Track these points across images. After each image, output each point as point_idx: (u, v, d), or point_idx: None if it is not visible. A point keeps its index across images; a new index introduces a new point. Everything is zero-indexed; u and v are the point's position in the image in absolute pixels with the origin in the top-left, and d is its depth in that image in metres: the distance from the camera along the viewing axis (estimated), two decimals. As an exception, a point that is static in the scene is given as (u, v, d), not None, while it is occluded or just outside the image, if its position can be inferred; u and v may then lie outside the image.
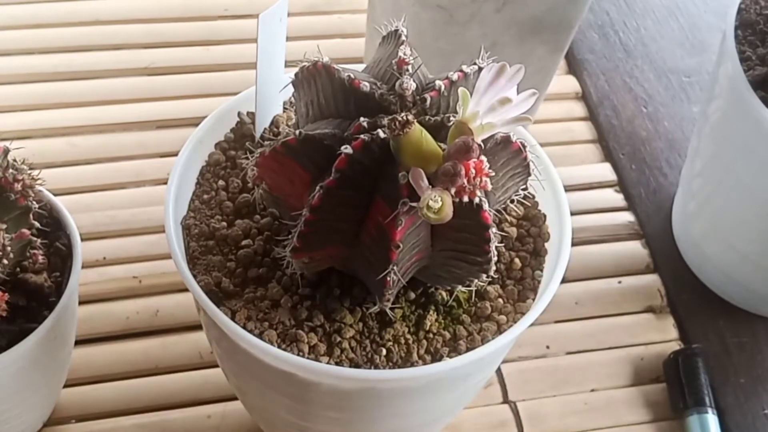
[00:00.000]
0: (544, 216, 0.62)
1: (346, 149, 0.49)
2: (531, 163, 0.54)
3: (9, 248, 0.54)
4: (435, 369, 0.54)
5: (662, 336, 0.81)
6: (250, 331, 0.54)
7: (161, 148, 0.87)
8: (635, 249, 0.87)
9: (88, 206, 0.81)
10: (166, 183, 0.83)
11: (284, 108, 0.66)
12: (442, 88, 0.51)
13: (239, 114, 0.66)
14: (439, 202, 0.45)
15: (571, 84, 0.98)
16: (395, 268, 0.50)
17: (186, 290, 0.77)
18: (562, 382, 0.78)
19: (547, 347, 0.80)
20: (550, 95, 0.94)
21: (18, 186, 0.55)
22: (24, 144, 0.58)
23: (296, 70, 0.54)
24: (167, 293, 0.78)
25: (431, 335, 0.57)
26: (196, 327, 0.75)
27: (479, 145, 0.45)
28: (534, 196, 0.62)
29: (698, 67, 1.01)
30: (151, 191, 0.84)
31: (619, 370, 0.79)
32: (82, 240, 0.63)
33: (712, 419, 0.74)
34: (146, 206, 0.83)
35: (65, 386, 0.70)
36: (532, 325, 0.57)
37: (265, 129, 0.64)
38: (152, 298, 0.77)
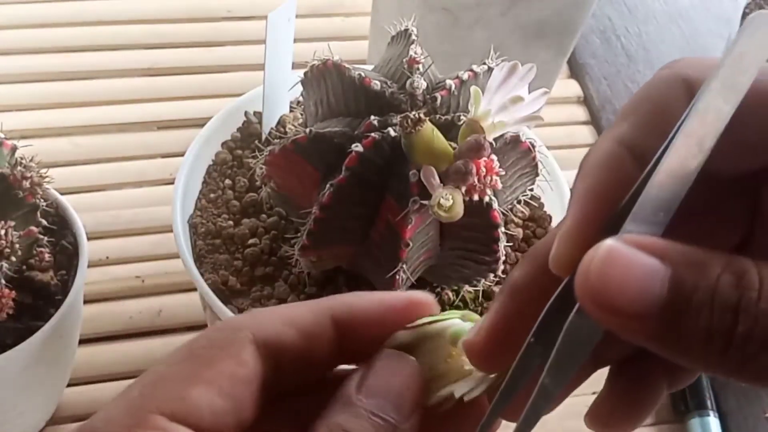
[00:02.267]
0: (550, 217, 0.62)
1: (357, 147, 0.49)
2: (539, 164, 0.54)
3: (17, 245, 0.54)
4: (442, 368, 0.54)
5: (664, 339, 0.81)
6: (258, 330, 0.54)
7: (164, 148, 0.87)
8: (637, 253, 0.87)
9: (91, 206, 0.81)
10: (168, 183, 0.84)
11: (291, 108, 0.66)
12: (453, 87, 0.51)
13: (246, 113, 0.66)
14: (450, 201, 0.45)
15: (573, 88, 0.99)
16: (404, 266, 0.50)
17: (189, 290, 0.77)
18: (563, 384, 0.78)
19: (549, 350, 0.80)
20: (552, 99, 0.94)
21: (26, 183, 0.55)
22: (27, 143, 0.58)
23: (305, 69, 0.55)
24: (170, 293, 0.77)
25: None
26: (199, 327, 0.75)
27: (490, 144, 0.46)
28: (540, 198, 0.62)
29: (699, 73, 1.01)
30: (153, 191, 0.84)
31: (621, 373, 0.79)
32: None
33: (713, 422, 0.74)
34: (149, 206, 0.82)
35: (68, 385, 0.70)
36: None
37: (272, 128, 0.64)
38: (155, 298, 0.77)
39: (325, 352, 0.31)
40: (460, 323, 0.32)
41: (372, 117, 0.50)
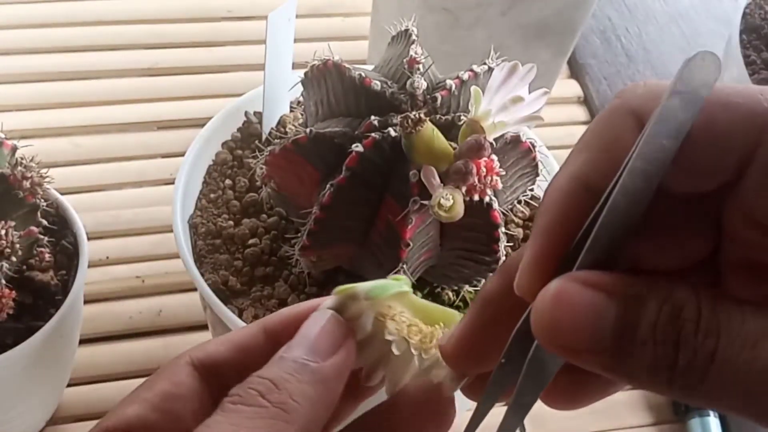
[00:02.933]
0: (550, 217, 0.62)
1: (357, 147, 0.49)
2: (540, 164, 0.54)
3: (17, 245, 0.54)
4: (442, 368, 0.54)
5: (664, 339, 0.81)
6: (258, 330, 0.54)
7: (164, 148, 0.87)
8: (637, 253, 0.87)
9: (91, 206, 0.81)
10: (168, 183, 0.84)
11: (291, 108, 0.66)
12: (453, 87, 0.51)
13: (246, 113, 0.66)
14: (450, 201, 0.45)
15: (573, 88, 0.99)
16: (405, 266, 0.50)
17: (189, 290, 0.77)
18: (564, 384, 0.78)
19: (550, 350, 0.80)
20: (552, 99, 0.94)
21: (26, 184, 0.55)
22: (27, 143, 0.58)
23: (305, 69, 0.55)
24: (170, 293, 0.78)
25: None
26: (199, 327, 0.75)
27: (491, 144, 0.46)
28: (540, 198, 0.62)
29: (699, 73, 1.01)
30: (154, 191, 0.84)
31: (621, 373, 0.79)
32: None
33: (713, 422, 0.74)
34: (149, 206, 0.82)
35: (68, 385, 0.70)
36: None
37: (272, 128, 0.64)
38: (155, 298, 0.77)
39: (262, 361, 0.33)
40: (377, 281, 0.34)
41: (372, 117, 0.50)
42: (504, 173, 0.49)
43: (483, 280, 0.55)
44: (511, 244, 0.60)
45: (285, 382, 0.30)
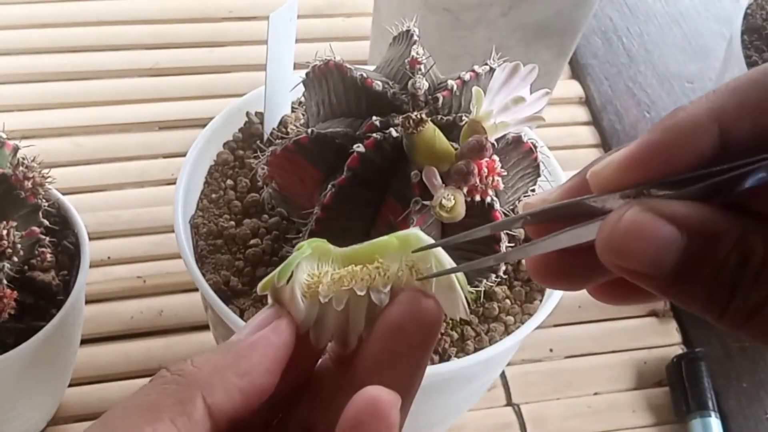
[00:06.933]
0: (552, 218, 0.62)
1: (359, 148, 0.49)
2: (541, 164, 0.54)
3: (18, 246, 0.54)
4: (443, 369, 0.55)
5: (665, 340, 0.82)
6: (260, 330, 0.54)
7: (165, 148, 0.87)
8: (638, 253, 0.87)
9: (93, 206, 0.81)
10: (170, 183, 0.84)
11: (292, 108, 0.66)
12: (455, 87, 0.51)
13: (247, 114, 0.66)
14: (452, 201, 0.45)
15: (574, 89, 0.99)
16: (406, 266, 0.50)
17: (190, 290, 0.77)
18: (565, 385, 0.78)
19: (551, 350, 0.80)
20: (553, 100, 0.94)
21: (28, 184, 0.55)
22: (29, 143, 0.58)
23: (307, 69, 0.55)
24: (171, 293, 0.78)
25: (439, 335, 0.57)
26: (200, 327, 0.75)
27: (492, 144, 0.46)
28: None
29: (700, 73, 1.01)
30: (155, 191, 0.84)
31: (622, 374, 0.79)
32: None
33: (714, 423, 0.74)
34: (150, 206, 0.83)
35: (69, 385, 0.70)
36: (535, 328, 0.57)
37: (273, 129, 0.64)
38: (156, 298, 0.77)
39: None
40: (284, 263, 0.34)
41: (374, 117, 0.50)
42: (505, 174, 0.49)
43: (484, 280, 0.55)
44: (512, 244, 0.60)
45: (192, 356, 0.31)
